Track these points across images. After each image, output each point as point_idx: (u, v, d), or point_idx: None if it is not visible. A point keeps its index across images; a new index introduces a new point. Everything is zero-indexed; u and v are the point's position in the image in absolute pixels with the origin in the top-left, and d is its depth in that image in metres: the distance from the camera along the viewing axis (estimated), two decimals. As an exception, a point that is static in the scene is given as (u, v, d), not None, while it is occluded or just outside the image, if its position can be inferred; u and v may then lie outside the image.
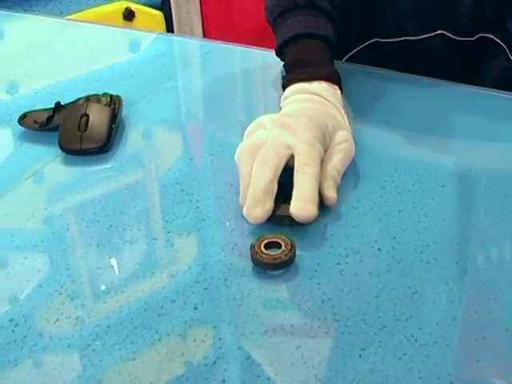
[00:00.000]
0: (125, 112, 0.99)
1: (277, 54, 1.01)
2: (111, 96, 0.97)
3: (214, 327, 0.64)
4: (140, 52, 1.25)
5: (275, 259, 0.69)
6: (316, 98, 0.87)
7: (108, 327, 0.65)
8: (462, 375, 0.59)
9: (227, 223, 0.76)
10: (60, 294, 0.69)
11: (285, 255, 0.70)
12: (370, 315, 0.64)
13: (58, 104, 0.97)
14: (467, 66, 1.09)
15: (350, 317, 0.64)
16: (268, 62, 1.13)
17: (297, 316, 0.65)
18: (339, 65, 0.97)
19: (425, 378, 0.58)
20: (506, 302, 0.66)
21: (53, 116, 0.97)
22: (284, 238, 0.72)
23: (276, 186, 0.74)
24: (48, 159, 0.91)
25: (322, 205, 0.77)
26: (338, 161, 0.80)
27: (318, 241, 0.73)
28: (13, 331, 0.66)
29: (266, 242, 0.71)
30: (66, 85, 1.10)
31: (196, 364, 0.61)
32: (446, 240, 0.73)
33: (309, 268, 0.70)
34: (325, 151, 0.80)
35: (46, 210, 0.82)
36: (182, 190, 0.82)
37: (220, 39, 1.26)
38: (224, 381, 0.59)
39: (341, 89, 0.92)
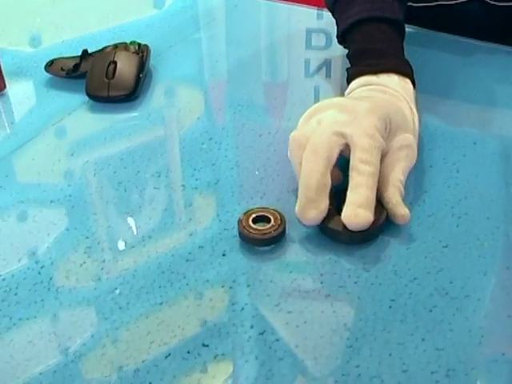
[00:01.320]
0: (152, 61, 0.97)
1: (339, 42, 0.90)
2: (139, 44, 0.96)
3: (243, 273, 0.63)
4: (167, 6, 1.23)
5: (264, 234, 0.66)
6: (385, 89, 0.77)
7: (135, 271, 0.64)
8: (494, 329, 0.58)
9: (256, 172, 0.75)
10: (87, 237, 0.69)
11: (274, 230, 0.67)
12: (401, 267, 0.63)
13: (84, 51, 0.96)
14: (504, 31, 1.06)
15: (380, 268, 0.63)
16: (293, 16, 1.11)
17: (326, 266, 0.64)
18: None
19: (456, 330, 0.58)
20: (539, 259, 0.65)
21: (80, 63, 0.96)
22: (273, 211, 0.68)
23: (329, 179, 0.66)
24: (75, 106, 0.90)
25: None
26: (401, 170, 0.70)
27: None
28: (39, 273, 0.65)
29: (253, 216, 0.67)
30: (93, 34, 1.09)
31: (224, 309, 0.60)
32: (478, 196, 0.72)
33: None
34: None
35: (72, 155, 0.81)
36: (211, 139, 0.82)
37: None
38: (252, 326, 0.58)
39: (413, 82, 0.81)
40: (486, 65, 0.96)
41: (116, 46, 0.95)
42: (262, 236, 0.65)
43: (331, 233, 0.66)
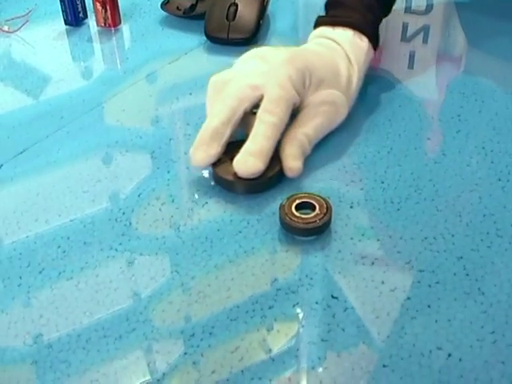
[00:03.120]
0: (270, 7, 0.95)
1: None
2: (260, -12, 0.94)
3: (372, 227, 0.61)
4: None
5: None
6: (330, 44, 0.74)
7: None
8: None
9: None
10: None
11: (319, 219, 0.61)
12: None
13: (202, -8, 0.95)
14: None
15: (513, 234, 0.61)
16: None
17: (457, 227, 0.61)
18: None
19: None
20: None
21: (196, 4, 0.94)
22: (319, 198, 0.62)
23: (229, 130, 0.65)
24: (191, 46, 0.89)
25: (482, 120, 0.73)
26: (313, 125, 0.68)
27: (478, 155, 0.69)
28: (160, 210, 0.64)
29: (297, 202, 0.62)
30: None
31: (354, 262, 0.58)
32: None
33: (469, 180, 0.66)
34: (301, 103, 0.69)
35: (190, 94, 0.80)
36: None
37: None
38: (383, 282, 0.56)
39: (374, 46, 0.78)
40: None
41: (237, -11, 0.93)
42: (305, 225, 0.61)
43: (222, 182, 0.65)
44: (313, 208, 0.61)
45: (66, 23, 0.96)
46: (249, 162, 0.63)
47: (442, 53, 0.91)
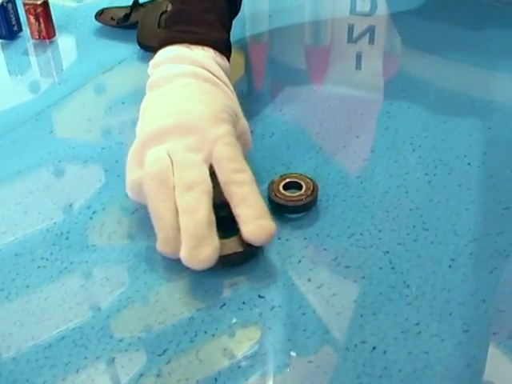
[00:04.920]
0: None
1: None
2: (192, -4, 0.94)
3: (300, 228, 0.62)
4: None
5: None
6: (203, 74, 0.68)
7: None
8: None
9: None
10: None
11: (306, 198, 0.64)
12: (460, 227, 0.62)
13: (135, 1, 0.96)
14: None
15: (439, 227, 0.62)
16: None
17: (384, 222, 0.62)
18: None
19: (518, 292, 0.56)
20: None
21: (130, 13, 0.95)
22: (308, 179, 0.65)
23: (214, 216, 0.57)
24: (125, 55, 0.89)
25: (411, 116, 0.74)
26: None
27: (406, 151, 0.70)
28: (91, 218, 0.64)
29: (287, 181, 0.65)
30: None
31: (280, 263, 0.59)
32: (540, 158, 0.70)
33: (397, 176, 0.67)
34: None
35: (123, 103, 0.80)
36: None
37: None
38: (310, 280, 0.57)
39: (229, 58, 0.74)
40: None
41: (168, -3, 0.93)
42: (289, 203, 0.63)
43: (229, 260, 0.58)
44: (300, 187, 0.64)
45: (0, 37, 0.96)
46: (263, 226, 0.58)
47: (387, 52, 0.92)
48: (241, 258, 0.58)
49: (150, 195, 0.58)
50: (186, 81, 0.67)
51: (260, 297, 0.56)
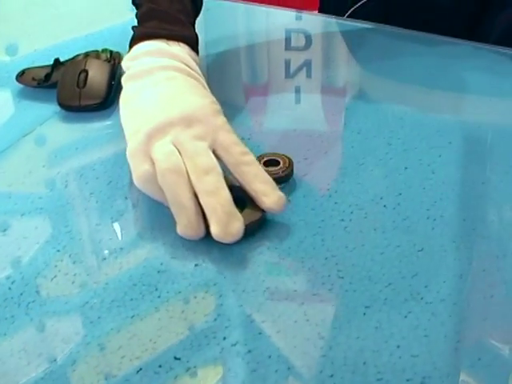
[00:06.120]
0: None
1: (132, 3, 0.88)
2: (111, 52, 0.95)
3: (215, 284, 0.63)
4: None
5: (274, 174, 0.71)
6: (184, 68, 0.76)
7: (106, 284, 0.63)
8: (469, 334, 0.58)
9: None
10: (58, 251, 0.68)
11: (282, 171, 0.73)
12: (375, 272, 0.63)
13: (56, 61, 0.96)
14: (474, 20, 1.07)
15: (354, 274, 0.63)
16: (272, 20, 1.10)
17: (300, 273, 0.63)
18: (342, 21, 0.94)
19: (431, 336, 0.57)
20: (515, 260, 0.64)
21: (51, 73, 0.95)
22: (283, 156, 0.74)
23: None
24: (47, 116, 0.89)
25: (329, 162, 0.75)
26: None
27: (322, 198, 0.71)
28: (9, 288, 0.64)
29: (265, 159, 0.73)
30: (66, 43, 1.09)
31: (196, 321, 0.59)
32: (454, 197, 0.71)
33: (312, 224, 0.68)
34: None
35: (44, 166, 0.80)
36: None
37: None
38: (225, 338, 0.57)
39: (197, 53, 0.82)
40: (458, 64, 0.95)
41: (87, 55, 0.94)
42: (272, 176, 0.69)
43: (251, 227, 0.67)
44: (277, 164, 0.73)
45: None
46: (281, 196, 0.67)
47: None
48: (256, 226, 0.67)
49: (169, 188, 0.65)
50: (170, 74, 0.74)
51: (176, 358, 0.56)
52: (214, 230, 0.64)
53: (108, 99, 0.89)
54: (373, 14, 1.10)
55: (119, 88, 0.88)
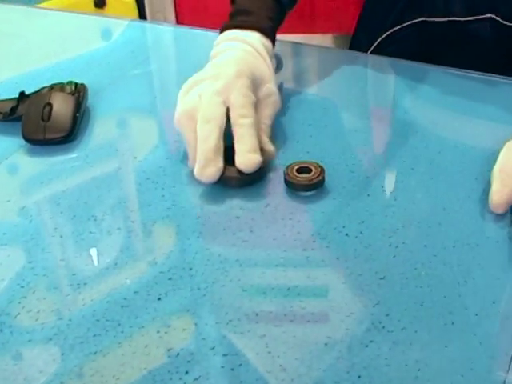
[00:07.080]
0: (90, 100, 0.97)
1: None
2: (76, 84, 0.95)
3: (178, 318, 0.63)
4: (111, 40, 1.23)
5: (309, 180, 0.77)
6: (245, 47, 0.89)
7: (70, 320, 0.64)
8: (430, 361, 0.58)
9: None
10: (22, 287, 0.68)
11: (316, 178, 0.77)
12: (337, 302, 0.63)
13: (22, 94, 0.96)
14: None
15: (316, 304, 0.63)
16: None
17: (262, 304, 0.63)
18: (363, 56, 0.95)
19: (392, 365, 0.57)
20: (476, 286, 0.65)
21: (17, 106, 0.95)
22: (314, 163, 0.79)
23: (222, 144, 0.77)
24: (12, 150, 0.89)
25: (287, 190, 0.76)
26: (268, 115, 0.84)
27: (285, 227, 0.72)
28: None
29: (296, 167, 0.78)
30: (33, 74, 1.08)
31: (159, 356, 0.59)
32: (415, 224, 0.72)
33: (275, 255, 0.68)
34: None
35: (8, 201, 0.80)
36: (148, 179, 0.81)
37: (193, 25, 1.24)
38: (187, 372, 0.58)
39: (273, 42, 0.94)
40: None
41: (52, 87, 0.94)
42: (308, 182, 0.77)
43: (226, 181, 0.77)
44: (309, 171, 0.78)
45: None
46: (250, 158, 0.77)
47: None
48: (239, 183, 0.78)
49: (182, 127, 0.81)
50: (234, 52, 0.88)
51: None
52: (195, 170, 0.77)
53: (73, 132, 0.89)
54: (410, 38, 1.12)
55: (84, 121, 0.88)
